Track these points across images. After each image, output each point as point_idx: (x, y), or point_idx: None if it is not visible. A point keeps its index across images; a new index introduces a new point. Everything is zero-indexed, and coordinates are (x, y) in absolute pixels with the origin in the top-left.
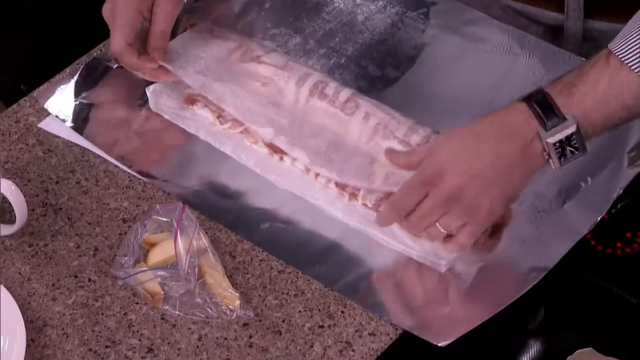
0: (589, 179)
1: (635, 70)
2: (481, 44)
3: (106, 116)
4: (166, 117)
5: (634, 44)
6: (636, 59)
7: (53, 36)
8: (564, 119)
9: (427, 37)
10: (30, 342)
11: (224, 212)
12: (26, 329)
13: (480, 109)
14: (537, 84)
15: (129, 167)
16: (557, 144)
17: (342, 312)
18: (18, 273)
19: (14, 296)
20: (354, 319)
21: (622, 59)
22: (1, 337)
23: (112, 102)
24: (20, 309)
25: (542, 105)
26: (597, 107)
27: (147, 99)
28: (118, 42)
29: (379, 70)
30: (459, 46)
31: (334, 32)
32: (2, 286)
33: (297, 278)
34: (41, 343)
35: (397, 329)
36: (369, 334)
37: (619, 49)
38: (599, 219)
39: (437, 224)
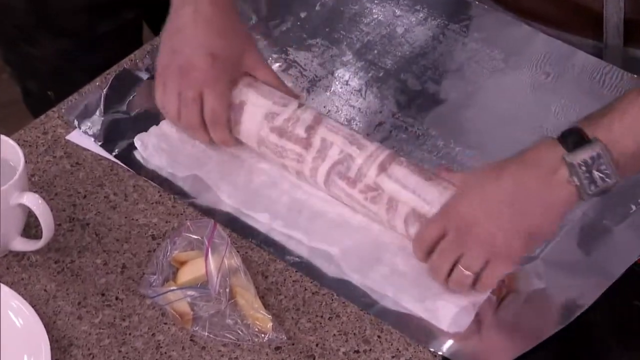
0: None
1: None
2: (524, 57)
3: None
4: None
5: None
6: None
7: (80, 42)
8: (589, 141)
9: (469, 50)
10: None
11: (256, 232)
12: (51, 349)
13: (529, 128)
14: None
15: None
16: (583, 166)
17: (379, 336)
18: (43, 290)
19: (39, 314)
20: (391, 344)
21: None
22: (25, 357)
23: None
24: (45, 327)
25: (567, 133)
26: (625, 132)
27: None
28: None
29: (419, 84)
30: (502, 60)
31: (373, 44)
32: (27, 304)
33: (332, 300)
34: None
35: (435, 355)
36: None
37: None
38: None
39: (460, 267)
